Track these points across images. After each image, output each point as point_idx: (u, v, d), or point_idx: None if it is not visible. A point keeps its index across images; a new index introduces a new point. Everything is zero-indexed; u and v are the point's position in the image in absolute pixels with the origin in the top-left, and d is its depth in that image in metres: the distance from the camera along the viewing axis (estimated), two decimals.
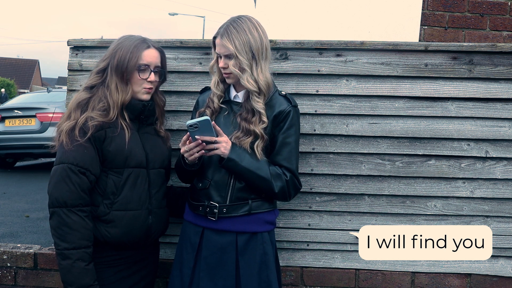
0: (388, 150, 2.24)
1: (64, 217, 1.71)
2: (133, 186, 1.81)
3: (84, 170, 1.74)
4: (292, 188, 1.87)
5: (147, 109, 1.87)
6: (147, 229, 1.85)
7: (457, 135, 2.22)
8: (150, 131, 1.93)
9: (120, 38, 1.90)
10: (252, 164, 1.78)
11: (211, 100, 1.90)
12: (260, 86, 1.79)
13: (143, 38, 1.88)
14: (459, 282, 2.29)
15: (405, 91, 2.21)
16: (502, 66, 2.19)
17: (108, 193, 1.79)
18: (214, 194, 1.83)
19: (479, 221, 2.26)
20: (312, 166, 2.25)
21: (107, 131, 1.78)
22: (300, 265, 2.30)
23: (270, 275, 1.84)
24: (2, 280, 2.38)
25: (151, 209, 1.86)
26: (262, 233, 1.85)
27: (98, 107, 1.79)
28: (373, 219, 2.27)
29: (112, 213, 1.79)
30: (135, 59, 1.80)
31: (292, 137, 1.85)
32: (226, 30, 1.79)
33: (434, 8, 2.90)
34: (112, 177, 1.80)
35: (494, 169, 2.24)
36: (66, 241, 1.71)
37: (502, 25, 2.89)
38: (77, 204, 1.73)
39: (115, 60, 1.81)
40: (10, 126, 7.28)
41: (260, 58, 1.80)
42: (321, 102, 2.23)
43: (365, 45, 2.19)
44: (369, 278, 2.29)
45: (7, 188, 6.23)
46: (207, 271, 1.82)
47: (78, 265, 1.70)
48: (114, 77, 1.81)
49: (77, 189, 1.72)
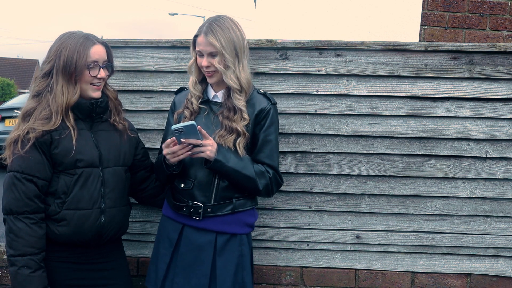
0: (388, 150, 2.24)
1: (11, 225, 1.72)
2: (84, 185, 1.79)
3: (31, 177, 1.73)
4: (275, 185, 1.91)
5: (97, 107, 1.84)
6: (99, 229, 1.83)
7: (457, 135, 2.22)
8: (105, 128, 1.90)
9: (61, 37, 1.82)
10: (237, 164, 1.80)
11: (189, 101, 1.91)
12: (241, 83, 1.82)
13: (85, 34, 1.82)
14: (459, 282, 2.29)
15: (405, 91, 2.21)
16: (502, 66, 2.19)
17: (59, 193, 1.78)
18: (198, 194, 1.84)
19: (479, 221, 2.26)
20: (312, 166, 2.25)
21: (52, 135, 1.76)
22: (300, 265, 2.30)
23: (245, 277, 1.87)
24: (2, 280, 2.38)
25: (104, 209, 1.84)
26: (241, 235, 1.88)
27: (41, 116, 1.76)
28: (373, 219, 2.27)
29: (62, 212, 1.78)
30: (84, 58, 1.76)
31: (273, 134, 1.88)
32: (210, 28, 1.80)
33: (434, 8, 2.90)
34: (64, 178, 1.78)
35: (494, 169, 2.24)
36: (12, 248, 1.72)
37: (502, 25, 2.89)
38: (22, 211, 1.72)
39: (61, 61, 1.75)
40: (10, 126, 7.29)
41: (242, 56, 1.83)
42: (321, 102, 2.23)
43: (365, 45, 2.19)
44: (369, 278, 2.29)
45: None
46: (183, 267, 1.85)
47: (23, 272, 1.70)
48: (60, 79, 1.76)
49: (22, 196, 1.72)
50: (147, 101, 2.25)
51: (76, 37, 1.80)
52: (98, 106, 1.84)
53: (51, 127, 1.75)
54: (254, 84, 2.19)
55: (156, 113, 2.26)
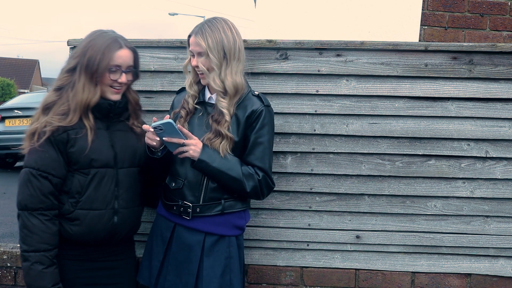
0: (388, 150, 2.24)
1: (25, 220, 1.73)
2: (98, 186, 1.80)
3: (46, 174, 1.74)
4: (265, 187, 1.88)
5: (115, 108, 1.85)
6: (112, 229, 1.84)
7: (457, 135, 2.22)
8: (122, 128, 1.91)
9: (91, 34, 1.83)
10: (223, 165, 1.79)
11: (186, 101, 1.91)
12: (226, 87, 1.80)
13: (115, 36, 1.81)
14: (459, 282, 2.29)
15: (405, 91, 2.21)
16: (502, 66, 2.19)
17: (73, 192, 1.79)
18: (187, 194, 1.85)
19: (479, 221, 2.26)
20: (312, 166, 2.25)
21: (69, 133, 1.77)
22: (300, 265, 2.30)
23: (233, 279, 1.87)
24: (2, 280, 2.38)
25: (117, 209, 1.85)
26: (230, 237, 1.88)
27: (59, 110, 1.78)
28: (373, 219, 2.27)
29: (76, 212, 1.79)
30: (107, 61, 1.77)
31: (265, 136, 1.86)
32: (201, 28, 1.80)
33: (434, 8, 2.90)
34: (78, 177, 1.79)
35: (494, 169, 2.24)
36: (26, 244, 1.73)
37: (502, 25, 2.89)
38: (37, 208, 1.73)
39: (85, 60, 1.77)
40: (10, 126, 7.29)
41: (232, 59, 1.81)
42: (321, 102, 2.23)
43: (365, 45, 2.19)
44: (369, 278, 2.29)
45: (7, 188, 6.23)
46: (175, 265, 1.86)
47: (36, 268, 1.72)
48: (82, 77, 1.77)
49: (37, 193, 1.73)
50: (147, 101, 2.25)
51: (105, 38, 1.80)
52: (116, 107, 1.85)
53: (67, 124, 1.76)
54: (254, 84, 2.20)
55: (156, 113, 2.25)
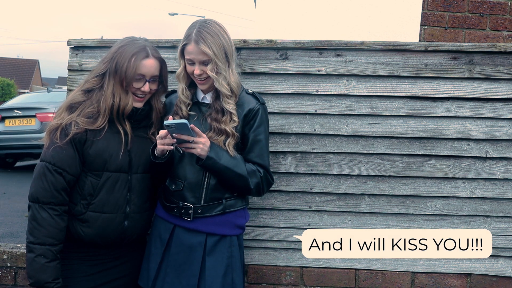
0: (388, 150, 2.24)
1: (35, 212, 1.76)
2: (110, 190, 1.82)
3: (61, 171, 1.77)
4: (266, 184, 1.91)
5: (136, 114, 1.87)
6: (122, 232, 1.86)
7: (457, 135, 2.22)
8: (141, 134, 1.93)
9: (122, 40, 1.88)
10: (230, 162, 1.81)
11: (179, 108, 1.91)
12: (232, 88, 1.83)
13: (144, 45, 1.84)
14: (459, 282, 2.29)
15: (405, 91, 2.21)
16: (502, 66, 2.19)
17: (85, 194, 1.81)
18: (188, 196, 1.85)
19: (479, 221, 2.26)
20: (312, 166, 2.25)
21: (88, 134, 1.79)
22: (300, 265, 2.30)
23: (235, 278, 1.87)
24: (2, 280, 2.38)
25: (129, 214, 1.86)
26: (231, 236, 1.88)
27: (86, 111, 1.80)
28: (373, 219, 2.27)
29: (87, 214, 1.81)
30: (133, 69, 1.80)
31: (262, 134, 1.88)
32: (200, 36, 1.78)
33: (434, 8, 2.90)
34: (91, 179, 1.81)
35: (494, 169, 2.24)
36: (33, 235, 1.75)
37: (502, 25, 2.89)
38: (48, 202, 1.76)
39: (113, 66, 1.81)
40: (10, 126, 7.28)
41: (232, 60, 1.84)
42: (321, 102, 2.23)
43: (365, 45, 2.19)
44: (369, 278, 2.29)
45: (7, 188, 6.23)
46: (174, 267, 1.86)
47: (39, 261, 1.74)
48: (111, 82, 1.81)
49: (50, 187, 1.75)
50: None
51: (134, 46, 1.83)
52: (138, 114, 1.88)
53: (94, 127, 1.79)
54: (254, 84, 2.20)
55: None
